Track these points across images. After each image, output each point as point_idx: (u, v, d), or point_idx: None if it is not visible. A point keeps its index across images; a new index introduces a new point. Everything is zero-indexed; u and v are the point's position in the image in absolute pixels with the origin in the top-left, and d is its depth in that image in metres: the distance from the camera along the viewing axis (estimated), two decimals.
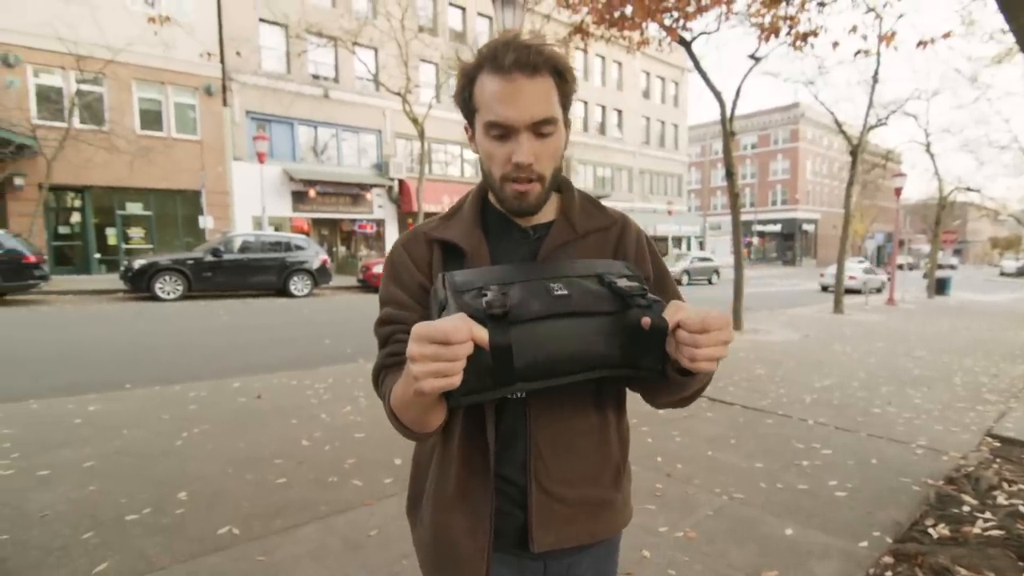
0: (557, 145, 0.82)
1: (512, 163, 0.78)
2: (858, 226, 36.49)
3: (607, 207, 0.96)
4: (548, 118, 0.78)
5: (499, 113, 0.77)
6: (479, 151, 0.84)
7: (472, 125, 0.84)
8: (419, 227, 0.92)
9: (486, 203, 0.91)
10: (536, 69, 0.76)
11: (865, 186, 19.57)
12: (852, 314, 11.87)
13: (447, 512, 0.84)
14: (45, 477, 2.94)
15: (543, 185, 0.82)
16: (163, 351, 6.58)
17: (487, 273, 0.76)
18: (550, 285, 0.73)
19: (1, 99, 14.50)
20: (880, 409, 4.57)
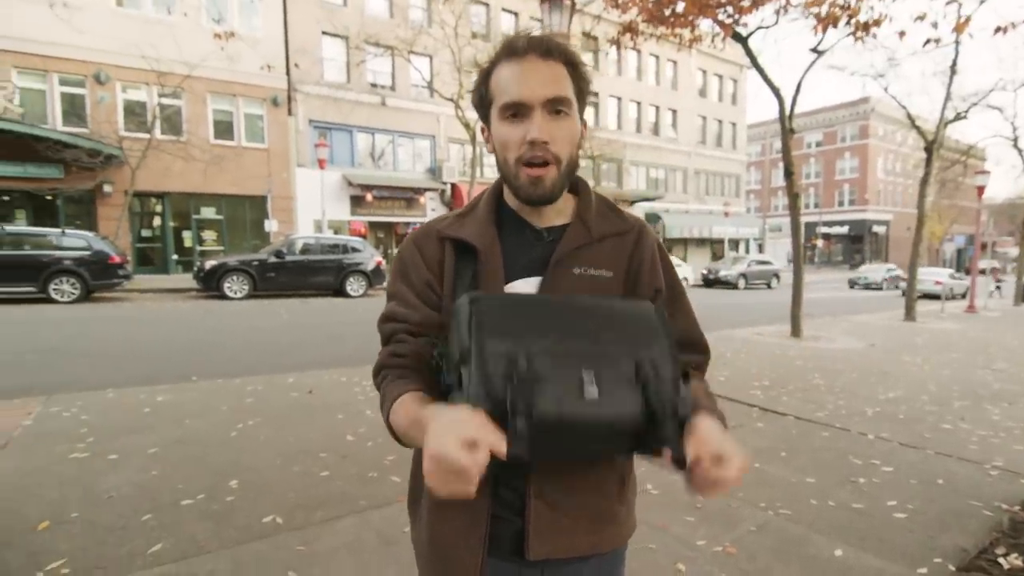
0: (573, 128, 0.82)
1: (527, 142, 0.78)
2: (935, 228, 33.94)
3: (625, 212, 0.94)
4: (562, 96, 0.79)
5: (514, 92, 0.78)
6: (495, 143, 0.84)
7: (488, 121, 0.85)
8: (433, 223, 0.92)
9: (501, 203, 0.91)
10: (550, 53, 0.79)
11: (943, 185, 18.15)
12: (926, 322, 11.05)
13: (443, 513, 0.84)
14: (114, 461, 3.18)
15: (559, 169, 0.81)
16: (228, 347, 6.99)
17: (516, 319, 0.68)
18: (583, 376, 0.65)
19: (93, 113, 15.90)
20: (951, 425, 4.23)
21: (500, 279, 0.84)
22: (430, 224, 0.92)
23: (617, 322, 0.72)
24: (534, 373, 0.63)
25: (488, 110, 0.84)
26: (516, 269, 0.85)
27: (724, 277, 21.09)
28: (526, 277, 0.85)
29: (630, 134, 27.74)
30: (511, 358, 0.64)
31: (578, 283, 0.85)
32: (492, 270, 0.84)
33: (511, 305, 0.71)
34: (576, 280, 0.85)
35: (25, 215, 15.65)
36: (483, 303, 0.69)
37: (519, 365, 0.63)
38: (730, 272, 21.17)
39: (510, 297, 0.73)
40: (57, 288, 10.96)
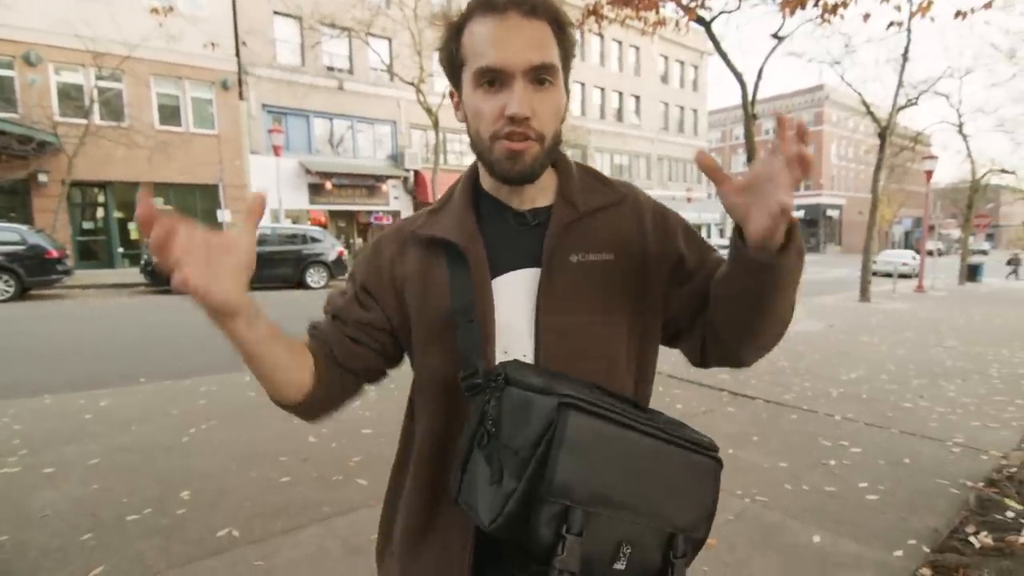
0: (558, 100, 0.70)
1: (505, 116, 0.67)
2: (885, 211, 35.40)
3: (612, 179, 0.83)
4: (547, 64, 0.67)
5: (491, 56, 0.66)
6: (467, 113, 0.72)
7: (458, 86, 0.73)
8: (403, 222, 0.83)
9: (478, 187, 0.80)
10: (534, 10, 0.67)
11: (893, 170, 18.86)
12: (879, 302, 11.48)
13: (418, 546, 0.73)
14: (50, 475, 2.92)
15: (542, 147, 0.70)
16: (178, 345, 6.60)
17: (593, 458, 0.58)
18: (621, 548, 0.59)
19: (23, 97, 14.76)
20: (912, 403, 4.35)
21: (486, 275, 0.73)
22: (400, 224, 0.83)
23: (677, 480, 0.63)
24: (580, 529, 0.55)
25: (459, 72, 0.72)
26: (503, 261, 0.74)
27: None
28: (516, 270, 0.74)
29: (594, 120, 27.75)
30: (569, 506, 0.56)
31: (578, 273, 0.73)
32: (477, 264, 0.73)
33: (598, 438, 0.58)
34: (576, 270, 0.73)
35: None
36: (572, 423, 0.56)
37: (572, 519, 0.55)
38: None
39: (599, 427, 0.58)
40: None
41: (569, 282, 0.72)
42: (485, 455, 0.61)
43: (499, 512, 0.57)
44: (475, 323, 0.70)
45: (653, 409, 0.72)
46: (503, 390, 0.62)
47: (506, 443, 0.59)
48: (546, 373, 0.64)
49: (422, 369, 0.78)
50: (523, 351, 0.71)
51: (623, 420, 0.60)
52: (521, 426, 0.59)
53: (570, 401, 0.57)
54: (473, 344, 0.69)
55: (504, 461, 0.59)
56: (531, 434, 0.57)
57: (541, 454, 0.56)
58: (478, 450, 0.63)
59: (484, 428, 0.62)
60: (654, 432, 0.62)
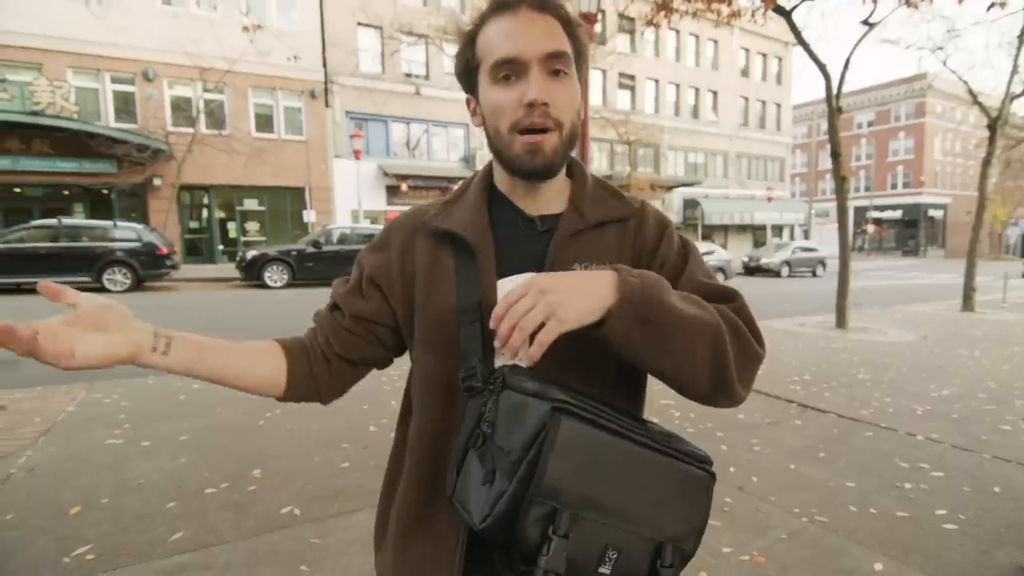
0: (574, 90, 0.73)
1: (524, 105, 0.69)
2: (998, 211, 31.78)
3: (626, 195, 0.83)
4: (561, 51, 0.71)
5: (506, 48, 0.69)
6: (484, 113, 0.74)
7: (474, 89, 0.75)
8: (415, 210, 0.84)
9: (492, 187, 0.82)
10: (545, 6, 0.71)
11: (1008, 165, 16.83)
12: (985, 312, 10.34)
13: (410, 537, 0.77)
14: (147, 448, 3.29)
15: (560, 136, 0.71)
16: (264, 334, 7.10)
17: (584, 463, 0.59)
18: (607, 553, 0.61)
19: (142, 109, 16.55)
20: (1011, 427, 3.91)
21: (493, 275, 0.74)
22: (413, 212, 0.83)
23: (668, 490, 0.63)
24: (566, 531, 0.57)
25: (475, 76, 0.74)
26: (510, 263, 0.75)
27: (766, 265, 20.35)
28: (519, 273, 0.75)
29: (668, 118, 26.95)
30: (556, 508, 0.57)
31: None
32: (485, 264, 0.74)
33: (589, 443, 0.59)
34: None
35: (83, 208, 16.49)
36: (564, 428, 0.58)
37: (559, 521, 0.57)
38: (772, 259, 20.40)
39: (591, 433, 0.59)
40: (110, 278, 11.52)
41: None
42: (479, 455, 0.64)
43: (489, 512, 0.59)
44: (478, 324, 0.71)
45: (648, 420, 0.72)
46: (500, 393, 0.63)
47: (500, 444, 0.61)
48: (542, 379, 0.64)
49: (421, 364, 0.80)
50: (520, 354, 0.73)
51: (615, 427, 0.60)
52: (515, 428, 0.60)
53: (563, 406, 0.58)
54: (475, 345, 0.71)
55: (497, 462, 0.61)
56: (524, 436, 0.58)
57: (532, 456, 0.57)
58: (473, 450, 0.65)
59: (480, 429, 0.64)
60: (646, 441, 0.62)
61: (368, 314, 0.81)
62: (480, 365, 0.69)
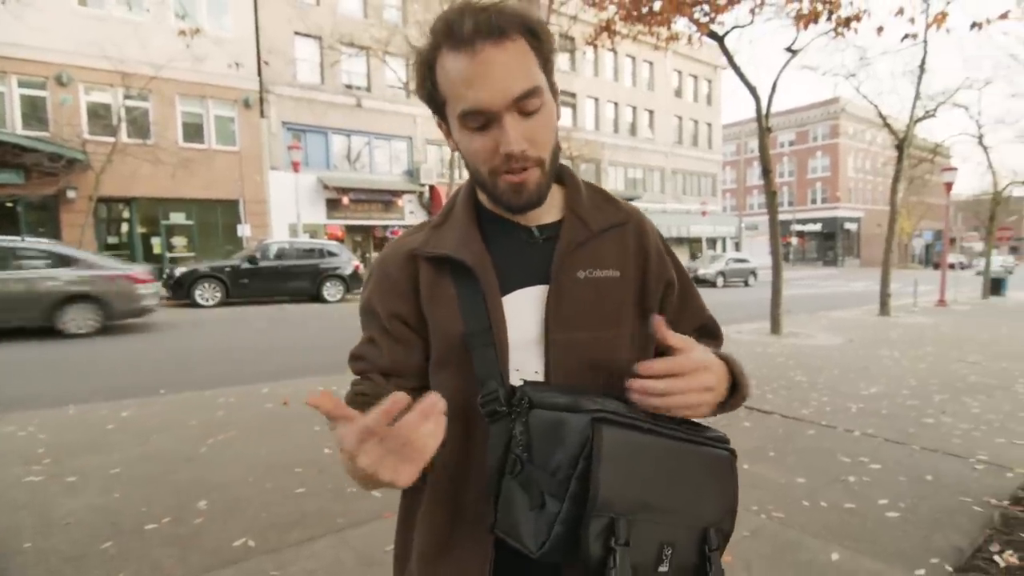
0: (549, 119, 0.68)
1: (501, 155, 0.65)
2: (904, 224, 34.92)
3: (618, 199, 0.83)
4: (531, 89, 0.64)
5: (470, 99, 0.63)
6: (460, 149, 0.70)
7: (444, 119, 0.71)
8: (400, 241, 0.79)
9: (479, 203, 0.78)
10: (503, 32, 0.62)
11: (912, 182, 18.60)
12: (899, 316, 11.27)
13: (435, 564, 0.73)
14: (72, 484, 2.98)
15: (542, 169, 0.68)
16: (198, 357, 6.73)
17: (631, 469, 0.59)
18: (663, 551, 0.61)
19: (55, 116, 15.31)
20: (934, 420, 4.25)
21: (498, 296, 0.71)
22: (397, 242, 0.79)
23: (702, 476, 0.65)
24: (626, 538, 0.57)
25: (442, 109, 0.70)
26: (512, 279, 0.73)
27: (703, 276, 21.29)
28: (524, 287, 0.73)
29: (608, 135, 27.88)
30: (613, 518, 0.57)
31: (585, 289, 0.73)
32: (488, 285, 0.71)
33: (631, 448, 0.59)
34: (583, 286, 0.73)
35: None
36: (608, 437, 0.57)
37: (618, 529, 0.57)
38: (708, 270, 21.38)
39: (633, 438, 0.59)
40: None
41: (576, 297, 0.73)
42: (521, 482, 0.62)
43: (547, 536, 0.58)
44: (492, 348, 0.69)
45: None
46: (529, 413, 0.62)
47: (541, 466, 0.60)
48: (567, 390, 0.64)
49: (435, 388, 0.75)
50: (534, 368, 0.71)
51: (650, 427, 0.61)
52: (555, 446, 0.59)
53: (601, 416, 0.58)
54: (491, 369, 0.68)
55: (543, 484, 0.59)
56: (568, 453, 0.58)
57: (581, 471, 0.56)
58: (510, 477, 0.63)
59: (515, 454, 0.62)
60: (678, 435, 0.63)
61: (417, 358, 0.76)
62: (501, 388, 0.67)
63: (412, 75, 4.58)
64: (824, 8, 5.95)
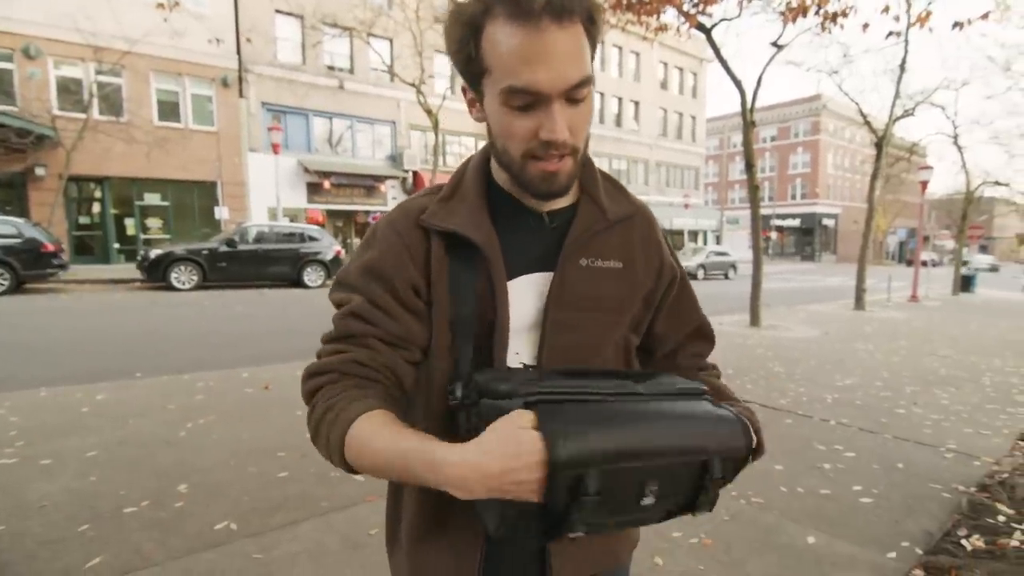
0: (591, 110, 0.66)
1: (540, 140, 0.62)
2: (880, 221, 35.72)
3: (627, 190, 0.82)
4: (585, 78, 0.62)
5: (527, 79, 0.59)
6: (490, 121, 0.67)
7: (476, 88, 0.66)
8: (411, 207, 0.73)
9: (490, 181, 0.74)
10: (570, 14, 0.59)
11: (888, 180, 19.03)
12: (874, 311, 11.56)
13: (425, 544, 0.73)
14: (47, 467, 2.91)
15: (575, 159, 0.66)
16: (175, 340, 6.59)
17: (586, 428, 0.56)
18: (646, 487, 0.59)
19: (22, 90, 14.72)
20: (905, 410, 4.38)
21: (504, 279, 0.69)
22: (408, 207, 0.73)
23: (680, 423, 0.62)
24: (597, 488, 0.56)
25: (478, 79, 0.65)
26: (516, 264, 0.71)
27: (684, 268, 21.53)
28: (528, 274, 0.71)
29: (593, 125, 27.20)
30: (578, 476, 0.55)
31: (588, 277, 0.72)
32: (496, 269, 0.69)
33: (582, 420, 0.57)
34: (587, 274, 0.72)
35: None
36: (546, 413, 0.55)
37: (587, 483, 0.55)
38: (690, 263, 21.61)
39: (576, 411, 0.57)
40: None
41: (577, 283, 0.72)
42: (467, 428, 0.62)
43: (500, 521, 0.58)
44: (470, 337, 0.68)
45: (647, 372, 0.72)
46: (479, 403, 0.60)
47: None
48: (519, 375, 0.62)
49: (424, 367, 0.73)
50: (530, 352, 0.71)
51: (599, 398, 0.59)
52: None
53: (534, 398, 0.57)
54: (465, 358, 0.68)
55: None
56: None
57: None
58: None
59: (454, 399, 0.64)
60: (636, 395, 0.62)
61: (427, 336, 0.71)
62: (458, 380, 0.65)
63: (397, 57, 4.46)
64: (813, 2, 6.01)
